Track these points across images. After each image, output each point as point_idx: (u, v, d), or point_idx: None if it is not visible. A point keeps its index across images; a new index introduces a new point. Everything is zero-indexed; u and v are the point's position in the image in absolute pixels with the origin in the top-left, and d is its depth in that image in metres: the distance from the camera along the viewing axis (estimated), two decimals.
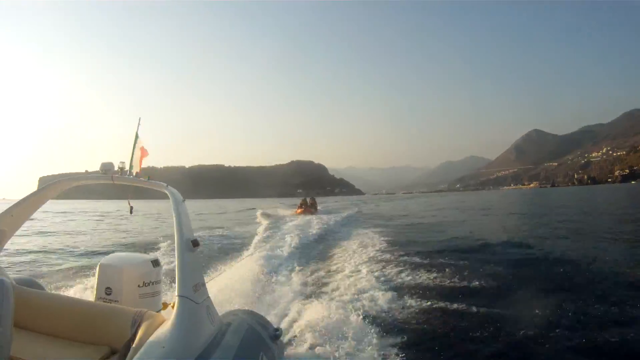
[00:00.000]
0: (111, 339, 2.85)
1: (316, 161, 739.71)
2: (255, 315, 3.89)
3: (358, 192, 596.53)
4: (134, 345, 2.45)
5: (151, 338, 2.39)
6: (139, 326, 2.68)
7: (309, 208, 34.77)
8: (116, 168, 3.43)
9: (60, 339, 2.92)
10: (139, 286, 3.67)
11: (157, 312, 3.11)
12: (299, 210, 33.96)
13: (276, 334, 3.79)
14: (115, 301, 3.53)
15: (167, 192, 3.32)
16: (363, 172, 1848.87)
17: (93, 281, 3.82)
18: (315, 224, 21.29)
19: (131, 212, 3.86)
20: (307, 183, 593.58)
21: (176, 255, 2.83)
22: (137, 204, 4.19)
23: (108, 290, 3.61)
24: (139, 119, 3.63)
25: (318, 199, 44.74)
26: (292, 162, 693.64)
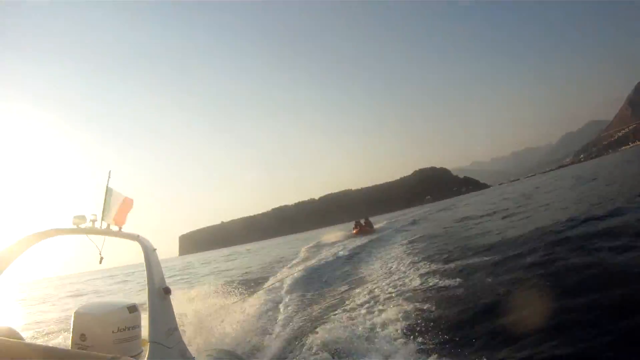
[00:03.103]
0: None
1: (438, 165, 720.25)
2: (230, 354, 4.31)
3: (483, 186, 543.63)
4: None
5: None
6: None
7: (364, 227, 35.33)
8: (88, 220, 3.48)
9: None
10: (113, 332, 3.61)
11: (133, 356, 3.21)
12: (355, 231, 34.66)
13: None
14: (90, 347, 3.51)
15: (137, 242, 3.44)
16: (487, 165, 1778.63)
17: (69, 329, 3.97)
18: (355, 245, 21.48)
19: (100, 262, 3.98)
20: (432, 188, 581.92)
21: (148, 303, 3.04)
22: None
23: (83, 337, 3.56)
24: (109, 172, 3.66)
25: (445, 201, 42.93)
26: (415, 172, 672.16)
